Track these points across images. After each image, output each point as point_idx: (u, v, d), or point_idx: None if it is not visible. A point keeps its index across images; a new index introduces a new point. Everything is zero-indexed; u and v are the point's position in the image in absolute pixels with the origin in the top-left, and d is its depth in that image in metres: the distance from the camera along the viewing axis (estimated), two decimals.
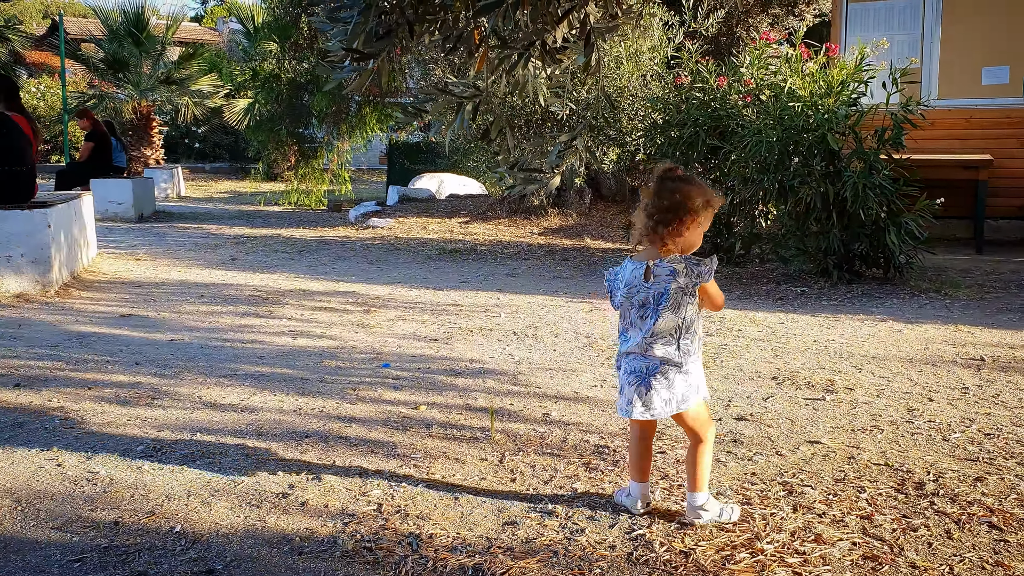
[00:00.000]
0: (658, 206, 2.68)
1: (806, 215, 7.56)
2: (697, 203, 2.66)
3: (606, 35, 2.47)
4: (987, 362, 4.97)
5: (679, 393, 2.73)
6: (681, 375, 2.73)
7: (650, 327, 2.73)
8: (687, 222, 2.68)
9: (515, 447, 3.61)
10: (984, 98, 10.14)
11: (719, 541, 2.73)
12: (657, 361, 2.73)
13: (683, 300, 2.70)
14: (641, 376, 2.76)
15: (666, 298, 2.70)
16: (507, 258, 9.42)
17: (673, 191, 2.67)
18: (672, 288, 2.69)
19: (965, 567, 2.55)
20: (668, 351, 2.73)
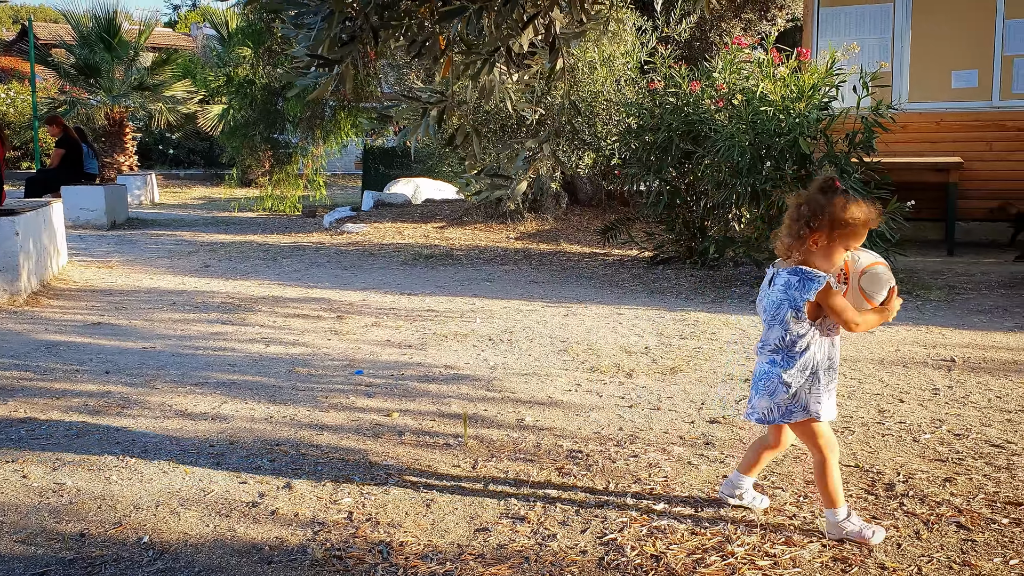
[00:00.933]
0: (799, 214, 2.62)
1: (779, 219, 7.59)
2: (839, 217, 2.56)
3: (572, 41, 2.47)
4: (957, 363, 5.01)
5: (782, 405, 2.70)
6: (783, 386, 2.68)
7: (764, 335, 2.76)
8: (822, 235, 2.59)
9: (488, 453, 3.60)
10: (954, 101, 10.26)
11: (690, 544, 2.73)
12: (766, 367, 2.74)
13: (788, 315, 2.64)
14: (754, 381, 2.80)
15: (774, 307, 2.68)
16: (483, 263, 9.40)
17: (818, 201, 2.59)
18: (779, 299, 2.66)
19: (933, 567, 2.57)
20: (776, 360, 2.70)
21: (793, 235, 2.63)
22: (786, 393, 2.68)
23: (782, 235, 2.68)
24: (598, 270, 8.88)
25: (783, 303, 2.64)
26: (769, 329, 2.72)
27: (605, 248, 10.01)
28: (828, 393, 2.73)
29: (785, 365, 2.67)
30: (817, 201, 2.59)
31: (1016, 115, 9.89)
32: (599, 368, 4.98)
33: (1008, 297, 6.99)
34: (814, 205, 2.59)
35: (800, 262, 2.63)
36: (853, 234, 2.59)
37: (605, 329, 6.05)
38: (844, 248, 2.61)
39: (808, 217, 2.58)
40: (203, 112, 18.12)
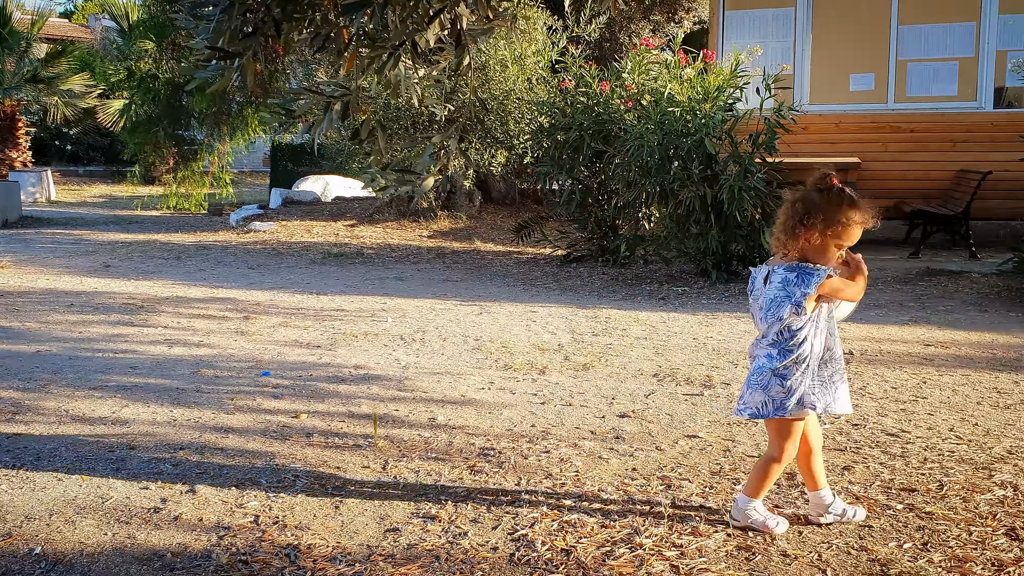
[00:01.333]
0: (793, 210, 2.61)
1: (686, 217, 7.77)
2: (833, 216, 2.56)
3: (480, 37, 2.46)
4: (856, 356, 5.20)
5: (776, 398, 2.68)
6: (778, 379, 2.67)
7: (762, 331, 2.73)
8: (815, 232, 2.59)
9: (399, 453, 3.57)
10: (852, 104, 10.64)
11: (600, 537, 2.76)
12: (761, 362, 2.72)
13: (788, 311, 2.63)
14: (748, 377, 2.79)
15: (772, 304, 2.66)
16: (395, 261, 9.33)
17: (812, 199, 2.58)
18: (779, 296, 2.64)
19: (832, 553, 2.65)
20: (772, 353, 2.69)
21: (787, 231, 2.62)
22: (780, 385, 2.66)
23: (777, 231, 2.66)
24: (512, 268, 8.90)
25: (783, 300, 2.63)
26: (768, 326, 2.69)
27: (519, 246, 10.05)
28: (830, 385, 2.72)
29: (781, 358, 2.66)
30: (811, 199, 2.59)
31: (910, 117, 10.32)
32: (512, 366, 4.99)
33: (903, 292, 7.29)
34: (808, 203, 2.59)
35: (796, 259, 2.63)
36: (846, 233, 2.59)
37: (519, 327, 6.07)
38: (837, 246, 2.62)
39: (802, 214, 2.58)
40: (103, 107, 17.44)
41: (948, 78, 10.41)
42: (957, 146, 10.14)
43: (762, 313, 2.71)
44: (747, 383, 2.77)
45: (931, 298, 7.02)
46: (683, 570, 2.55)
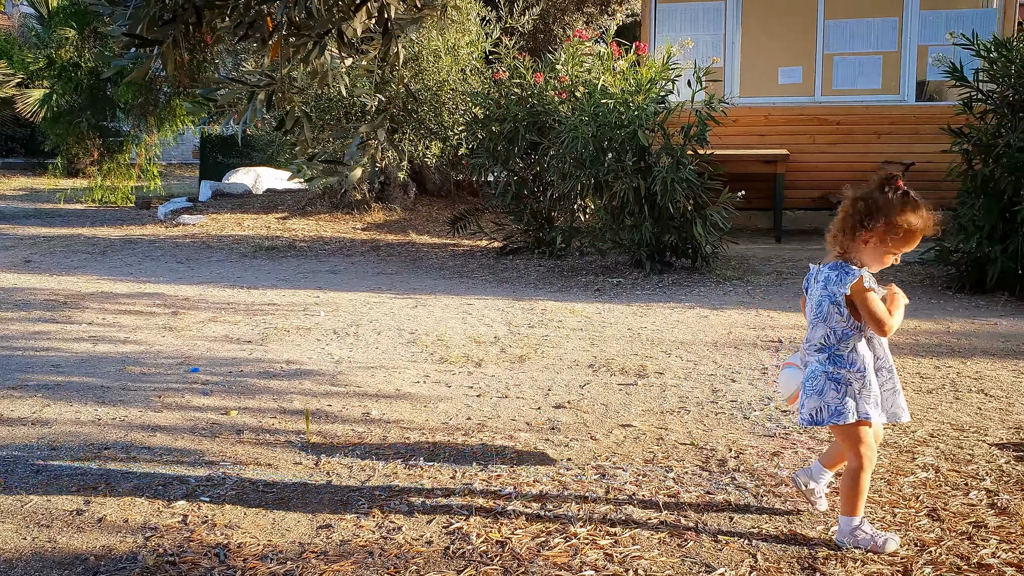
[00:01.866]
0: (854, 209, 2.53)
1: (621, 209, 7.82)
2: (895, 221, 2.49)
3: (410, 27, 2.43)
4: (784, 343, 5.30)
5: (831, 404, 2.58)
6: (832, 384, 2.58)
7: (808, 334, 2.67)
8: (875, 235, 2.52)
9: (332, 448, 3.52)
10: (781, 96, 10.86)
11: (534, 528, 2.76)
12: (813, 366, 2.64)
13: (830, 311, 2.56)
14: (803, 383, 2.68)
15: (816, 305, 2.61)
16: (328, 254, 9.21)
17: (876, 201, 2.50)
18: (821, 295, 2.58)
19: (762, 538, 2.70)
20: (821, 357, 2.61)
21: (846, 230, 2.56)
22: (835, 391, 2.57)
23: (834, 229, 2.60)
24: (448, 261, 8.87)
25: (823, 299, 2.58)
26: (813, 328, 2.63)
27: (455, 239, 10.01)
28: (885, 395, 2.64)
29: (833, 363, 2.59)
30: (876, 199, 2.51)
31: (836, 110, 10.56)
32: (448, 359, 4.96)
33: None
34: (872, 203, 2.51)
35: (844, 257, 2.57)
36: (907, 240, 2.52)
37: (455, 320, 6.04)
38: (895, 252, 2.55)
39: (864, 215, 2.51)
40: (22, 97, 16.81)
41: (872, 72, 10.69)
42: (882, 138, 10.42)
43: (810, 315, 2.65)
44: (803, 389, 2.67)
45: None
46: (617, 558, 2.57)
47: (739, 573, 2.48)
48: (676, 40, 8.61)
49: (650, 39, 10.62)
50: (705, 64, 8.06)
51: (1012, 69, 6.67)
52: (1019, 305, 6.34)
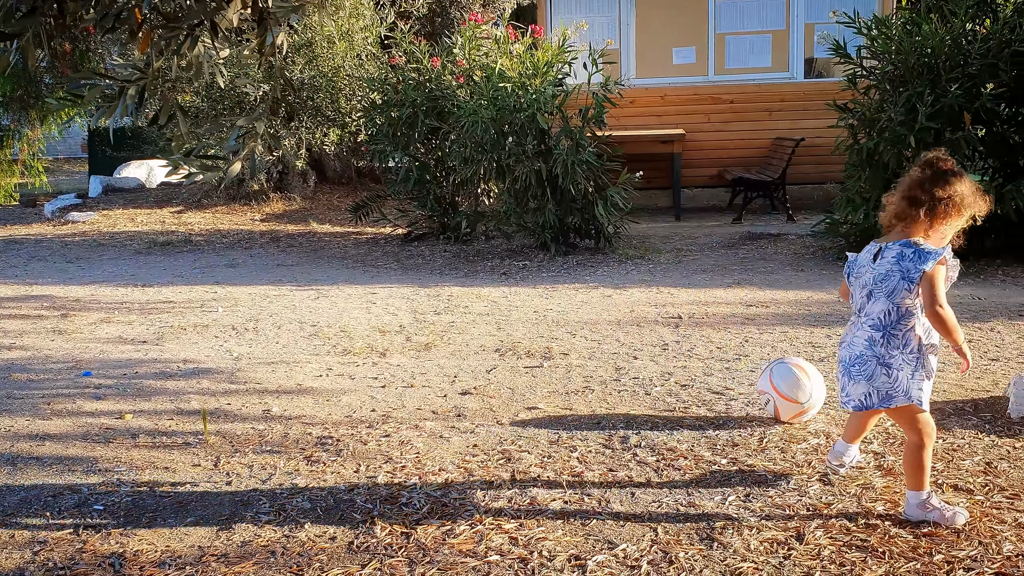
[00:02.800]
0: (929, 192, 2.55)
1: (524, 192, 7.85)
2: (967, 200, 2.57)
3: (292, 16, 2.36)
4: (684, 319, 5.42)
5: (881, 389, 2.60)
6: (883, 368, 2.59)
7: (864, 309, 2.65)
8: (952, 215, 2.58)
9: (232, 448, 3.44)
10: (676, 77, 11.04)
11: (439, 518, 2.75)
12: (860, 350, 2.63)
13: (899, 286, 2.56)
14: (846, 366, 2.68)
15: (883, 279, 2.59)
16: (226, 248, 8.96)
17: (951, 182, 2.56)
18: (891, 269, 2.58)
19: (663, 510, 2.76)
20: (875, 337, 2.60)
21: (907, 212, 2.60)
22: (887, 375, 2.58)
23: (894, 206, 2.62)
24: (351, 249, 8.75)
25: (894, 274, 2.57)
26: (873, 302, 2.62)
27: (357, 226, 9.88)
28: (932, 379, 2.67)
29: (886, 344, 2.59)
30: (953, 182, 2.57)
31: (729, 88, 10.82)
32: (352, 350, 4.90)
33: (727, 256, 7.66)
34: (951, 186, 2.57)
35: (909, 235, 2.60)
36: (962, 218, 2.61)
37: (358, 310, 5.97)
38: (952, 229, 2.63)
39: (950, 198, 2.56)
40: None
41: (763, 50, 10.97)
42: (773, 115, 10.73)
43: (869, 289, 2.63)
44: (847, 372, 2.68)
45: (753, 260, 7.41)
46: (521, 541, 2.58)
47: (640, 548, 2.53)
48: (571, 23, 8.65)
49: (546, 22, 10.65)
50: (600, 46, 8.13)
51: (892, 46, 6.94)
52: None
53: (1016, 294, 5.83)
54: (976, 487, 2.82)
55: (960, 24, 6.61)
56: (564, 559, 2.48)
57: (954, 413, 3.53)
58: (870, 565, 2.38)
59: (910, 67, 6.74)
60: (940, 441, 3.19)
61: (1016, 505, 2.68)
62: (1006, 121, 6.75)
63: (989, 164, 7.07)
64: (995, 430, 3.31)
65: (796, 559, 2.43)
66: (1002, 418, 3.44)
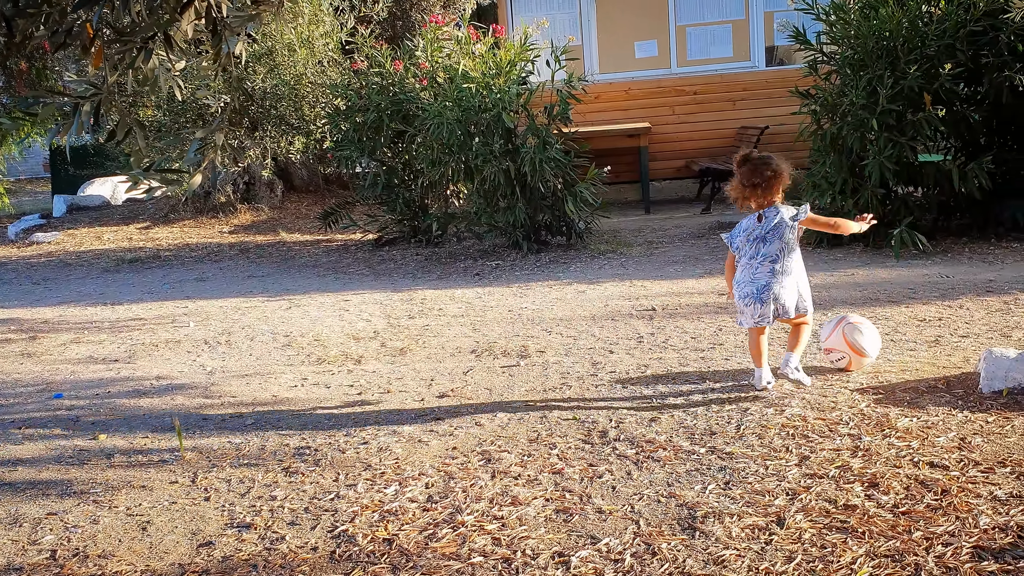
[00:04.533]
0: (761, 175, 3.62)
1: (493, 192, 7.84)
2: (783, 170, 3.64)
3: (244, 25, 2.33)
4: (658, 311, 5.44)
5: (788, 303, 3.66)
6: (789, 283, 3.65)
7: (763, 252, 3.64)
8: (780, 184, 3.65)
9: (209, 463, 3.40)
10: (639, 70, 11.09)
11: (422, 522, 2.74)
12: (766, 280, 3.64)
13: (785, 231, 3.62)
14: (757, 295, 3.65)
15: (776, 229, 3.62)
16: (195, 262, 8.88)
17: (768, 165, 3.63)
18: (778, 221, 3.63)
19: (644, 503, 2.76)
20: (775, 267, 3.63)
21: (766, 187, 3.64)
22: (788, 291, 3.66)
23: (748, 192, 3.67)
24: (321, 257, 8.70)
25: (782, 223, 3.63)
26: (768, 245, 3.64)
27: (327, 234, 9.83)
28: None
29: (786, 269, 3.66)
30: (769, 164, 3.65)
31: (692, 80, 10.88)
32: (326, 359, 4.87)
33: (697, 247, 7.70)
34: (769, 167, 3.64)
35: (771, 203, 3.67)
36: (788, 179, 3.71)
37: (331, 318, 5.93)
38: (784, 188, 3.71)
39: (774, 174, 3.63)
40: None
41: (724, 40, 11.04)
42: (737, 105, 10.80)
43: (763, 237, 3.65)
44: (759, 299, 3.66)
45: (723, 250, 7.42)
46: (504, 541, 2.58)
47: (623, 541, 2.53)
48: (532, 20, 8.65)
49: (507, 21, 10.66)
50: (562, 43, 8.14)
51: (850, 30, 7.00)
52: (873, 255, 6.70)
53: (983, 271, 5.90)
54: (952, 463, 2.85)
55: (916, 6, 6.69)
56: (548, 556, 2.48)
57: (927, 391, 3.57)
58: (850, 546, 2.40)
59: (869, 51, 6.81)
60: (914, 419, 3.23)
61: (991, 479, 2.72)
62: (965, 100, 6.84)
63: (951, 144, 7.17)
64: (968, 406, 3.35)
65: (778, 544, 2.44)
66: (974, 394, 3.48)
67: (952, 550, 2.33)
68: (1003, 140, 7.10)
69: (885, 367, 3.93)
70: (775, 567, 2.33)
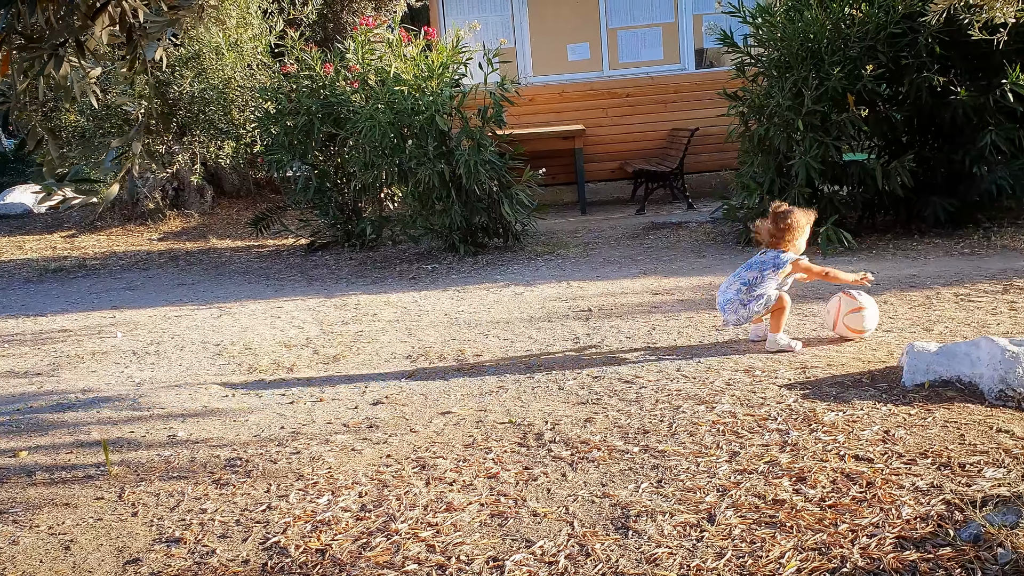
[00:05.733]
0: (777, 226, 4.31)
1: (428, 194, 7.81)
2: (797, 224, 4.28)
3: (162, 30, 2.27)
4: (594, 312, 5.48)
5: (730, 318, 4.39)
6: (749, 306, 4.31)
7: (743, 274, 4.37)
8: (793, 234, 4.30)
9: (137, 477, 3.31)
10: (572, 73, 11.16)
11: (355, 531, 2.71)
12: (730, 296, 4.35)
13: (767, 269, 4.30)
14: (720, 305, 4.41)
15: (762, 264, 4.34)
16: (123, 270, 8.66)
17: (786, 219, 4.29)
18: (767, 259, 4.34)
19: (578, 504, 2.77)
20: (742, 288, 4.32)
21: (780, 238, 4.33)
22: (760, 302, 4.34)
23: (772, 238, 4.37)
24: (253, 263, 8.56)
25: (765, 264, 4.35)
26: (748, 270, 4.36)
27: (259, 240, 9.67)
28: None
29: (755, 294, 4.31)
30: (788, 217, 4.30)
31: (624, 82, 10.99)
32: (258, 368, 4.79)
33: (632, 247, 7.78)
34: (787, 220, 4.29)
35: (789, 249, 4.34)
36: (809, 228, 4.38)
37: (263, 325, 5.84)
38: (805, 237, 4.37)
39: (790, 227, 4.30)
40: None
41: (654, 43, 11.18)
42: (668, 107, 10.95)
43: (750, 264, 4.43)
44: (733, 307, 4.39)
45: (657, 249, 7.55)
46: (439, 548, 2.56)
47: (557, 543, 2.54)
48: (464, 23, 8.64)
49: (439, 23, 10.63)
50: (495, 46, 8.15)
51: (776, 33, 7.15)
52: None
53: (906, 266, 6.08)
54: (876, 455, 2.92)
55: (839, 9, 6.86)
56: (482, 562, 2.47)
57: (853, 385, 3.65)
58: (779, 540, 2.44)
59: (794, 53, 6.96)
60: (840, 413, 3.31)
61: (913, 470, 2.79)
62: (887, 101, 7.04)
63: (874, 143, 7.37)
64: (891, 399, 3.44)
65: (709, 540, 2.48)
66: (897, 387, 3.58)
67: (876, 541, 2.39)
68: (924, 139, 7.32)
69: (812, 362, 4.02)
70: (706, 564, 2.36)
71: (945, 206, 6.92)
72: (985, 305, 4.82)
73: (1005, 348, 3.39)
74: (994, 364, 3.37)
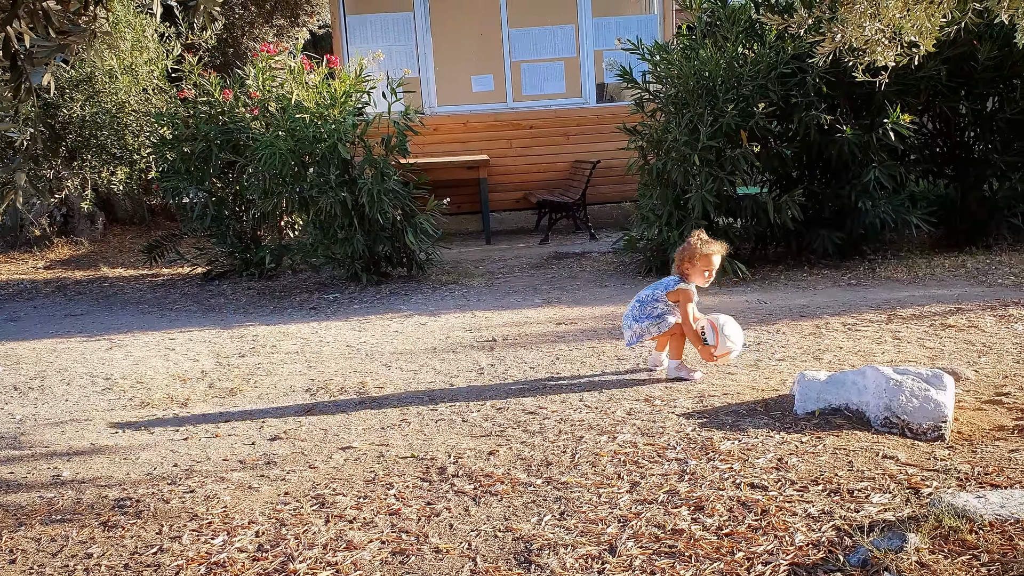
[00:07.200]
0: (679, 253, 4.38)
1: (330, 223, 7.71)
2: (694, 252, 4.30)
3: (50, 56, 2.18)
4: (498, 342, 5.49)
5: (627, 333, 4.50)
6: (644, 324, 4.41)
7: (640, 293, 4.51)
8: (686, 261, 4.34)
9: (16, 522, 3.13)
10: (476, 104, 11.26)
11: (251, 572, 2.62)
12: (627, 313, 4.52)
13: (657, 291, 4.44)
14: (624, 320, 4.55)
15: (656, 286, 4.49)
16: (5, 300, 8.23)
17: (685, 249, 4.36)
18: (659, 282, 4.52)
19: (481, 540, 2.76)
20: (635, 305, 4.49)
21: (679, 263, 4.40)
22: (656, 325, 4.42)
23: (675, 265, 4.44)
24: (146, 293, 8.26)
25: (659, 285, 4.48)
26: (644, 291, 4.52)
27: (152, 268, 9.36)
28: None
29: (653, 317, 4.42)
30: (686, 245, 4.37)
31: (528, 115, 11.14)
32: (150, 402, 4.61)
33: (536, 276, 7.85)
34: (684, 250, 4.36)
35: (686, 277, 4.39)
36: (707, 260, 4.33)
37: (156, 358, 5.63)
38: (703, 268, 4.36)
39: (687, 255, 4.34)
40: None
41: (557, 77, 11.39)
42: (571, 139, 11.14)
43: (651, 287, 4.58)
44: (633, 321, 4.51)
45: (560, 279, 7.63)
46: None
47: None
48: (368, 52, 8.62)
49: (343, 52, 10.58)
50: (399, 76, 8.15)
51: (673, 70, 7.37)
52: None
53: (797, 296, 6.31)
54: (770, 483, 3.01)
55: (732, 49, 7.13)
56: None
57: (747, 414, 3.76)
58: (678, 570, 2.47)
59: (690, 90, 7.19)
60: (736, 442, 3.39)
61: (805, 497, 2.88)
62: (778, 137, 7.34)
63: (766, 177, 7.66)
64: (784, 427, 3.55)
65: (610, 572, 2.49)
66: (790, 415, 3.70)
67: (771, 568, 2.45)
68: (813, 174, 7.65)
69: (709, 391, 4.11)
70: None
71: (833, 239, 7.23)
72: (871, 334, 5.04)
73: (889, 377, 3.54)
74: (879, 392, 3.51)
